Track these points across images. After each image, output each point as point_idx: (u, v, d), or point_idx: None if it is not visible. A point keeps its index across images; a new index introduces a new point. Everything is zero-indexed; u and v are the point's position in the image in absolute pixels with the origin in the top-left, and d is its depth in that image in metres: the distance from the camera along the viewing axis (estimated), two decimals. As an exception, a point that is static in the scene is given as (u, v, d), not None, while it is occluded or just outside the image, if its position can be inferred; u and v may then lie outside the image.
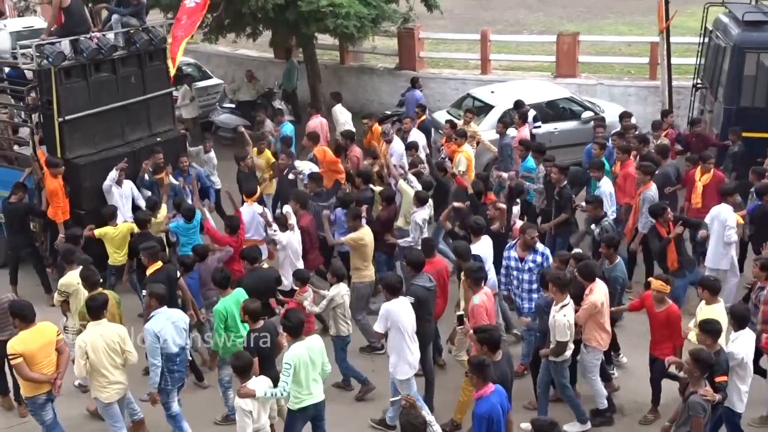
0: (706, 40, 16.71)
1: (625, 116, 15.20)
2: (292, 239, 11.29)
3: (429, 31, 22.40)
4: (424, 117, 16.18)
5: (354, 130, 15.54)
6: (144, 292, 9.78)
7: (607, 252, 10.26)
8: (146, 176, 13.26)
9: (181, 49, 13.18)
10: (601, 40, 23.18)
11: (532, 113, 15.76)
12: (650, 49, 19.44)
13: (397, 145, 14.26)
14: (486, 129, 15.88)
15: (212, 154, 14.87)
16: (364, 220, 11.37)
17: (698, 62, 17.04)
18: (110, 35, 13.23)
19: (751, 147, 14.01)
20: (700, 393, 7.50)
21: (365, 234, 11.12)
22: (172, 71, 13.41)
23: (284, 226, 11.30)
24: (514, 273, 10.46)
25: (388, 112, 18.57)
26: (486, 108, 16.58)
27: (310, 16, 17.29)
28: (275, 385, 8.16)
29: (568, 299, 9.08)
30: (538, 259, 10.33)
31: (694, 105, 16.96)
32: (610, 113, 16.76)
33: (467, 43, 22.85)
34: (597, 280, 9.46)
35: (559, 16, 28.31)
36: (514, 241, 10.72)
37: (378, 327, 9.18)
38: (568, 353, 9.17)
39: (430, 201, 12.18)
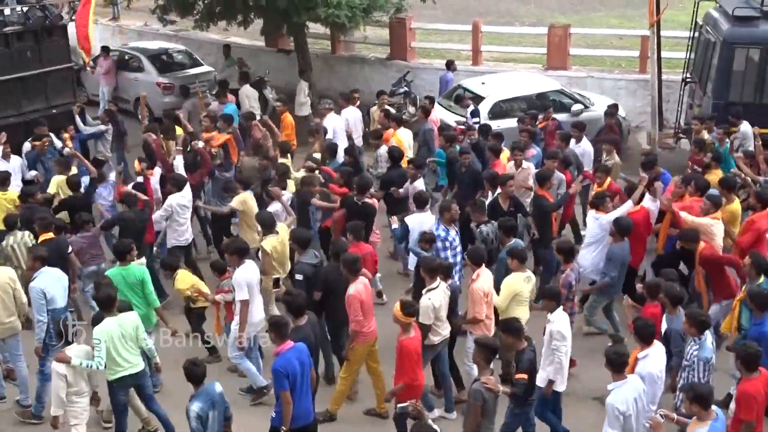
0: (696, 34, 16.77)
1: (610, 111, 15.15)
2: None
3: (421, 21, 22.38)
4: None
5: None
6: None
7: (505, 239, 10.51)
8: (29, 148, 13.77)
9: (90, 37, 14.03)
10: (592, 32, 23.20)
11: (470, 108, 15.84)
12: (641, 42, 19.47)
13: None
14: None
15: None
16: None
17: (688, 56, 17.11)
18: (6, 11, 13.98)
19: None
20: (482, 381, 7.65)
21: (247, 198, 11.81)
22: (87, 60, 13.99)
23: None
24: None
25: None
26: (477, 99, 16.59)
27: (301, 5, 17.26)
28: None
29: (437, 283, 9.31)
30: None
31: (684, 99, 17.04)
32: (600, 106, 16.81)
33: (459, 34, 22.84)
34: (483, 266, 9.63)
35: (551, 8, 28.33)
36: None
37: (240, 296, 9.67)
38: (435, 338, 9.29)
39: None
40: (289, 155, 13.65)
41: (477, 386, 7.68)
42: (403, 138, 14.36)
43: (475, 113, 15.77)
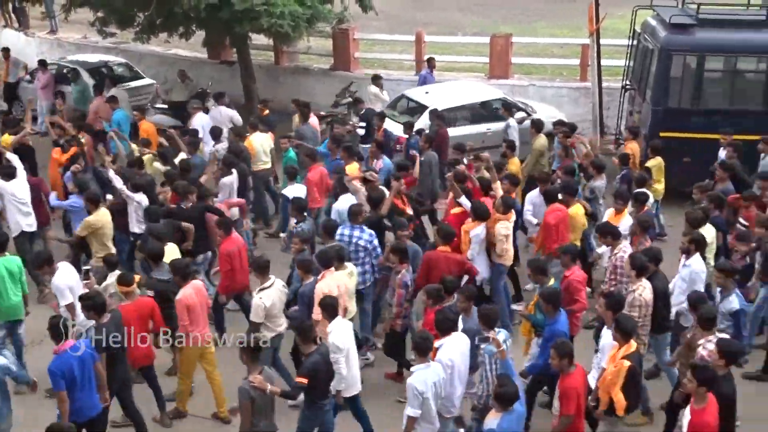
0: (635, 42, 17.04)
1: (558, 124, 15.15)
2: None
3: (364, 32, 22.41)
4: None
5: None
6: None
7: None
8: None
9: None
10: (534, 41, 23.44)
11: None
12: (581, 51, 19.76)
13: None
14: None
15: None
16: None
17: (627, 64, 17.38)
18: None
19: (678, 147, 14.31)
20: (249, 379, 7.82)
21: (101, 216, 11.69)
22: None
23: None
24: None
25: (323, 113, 18.49)
26: (421, 108, 16.63)
27: (244, 15, 17.11)
28: None
29: (270, 282, 9.53)
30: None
31: (623, 106, 17.29)
32: (542, 114, 16.98)
33: (402, 44, 22.91)
34: (332, 269, 9.77)
35: (494, 18, 28.56)
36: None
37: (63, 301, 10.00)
38: (270, 334, 9.49)
39: None
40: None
41: (243, 385, 7.86)
42: (255, 142, 14.56)
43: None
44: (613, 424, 8.34)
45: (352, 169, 12.83)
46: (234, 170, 13.37)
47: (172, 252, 10.70)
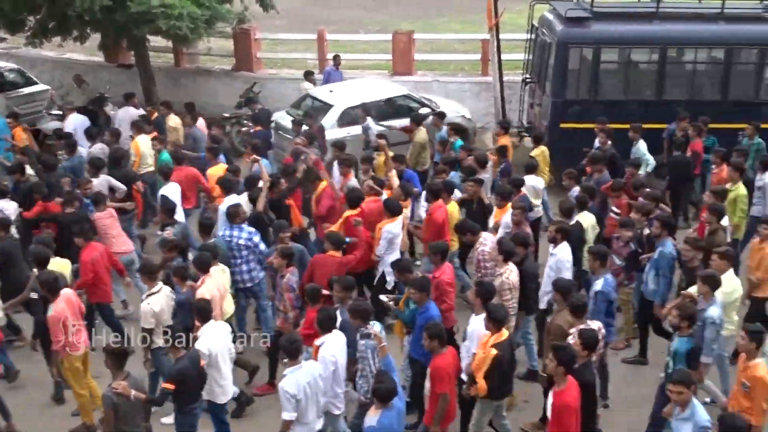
0: (533, 36, 17.37)
1: (450, 126, 15.35)
2: None
3: (265, 32, 22.19)
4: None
5: None
6: None
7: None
8: None
9: None
10: (436, 37, 23.67)
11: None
12: (482, 45, 20.01)
13: None
14: (328, 128, 15.87)
15: None
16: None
17: (526, 58, 17.70)
18: None
19: (579, 137, 14.65)
20: (112, 386, 7.84)
21: None
22: None
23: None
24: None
25: (226, 115, 18.26)
26: (325, 107, 16.57)
27: (140, 18, 16.76)
28: None
29: (158, 287, 9.46)
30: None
31: (524, 99, 17.61)
32: (445, 109, 17.14)
33: (304, 43, 22.78)
34: (210, 271, 9.75)
35: (396, 15, 28.69)
36: None
37: None
38: (159, 341, 9.22)
39: None
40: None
41: (107, 392, 7.84)
42: (141, 144, 14.43)
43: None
44: (485, 406, 8.54)
45: (217, 170, 12.96)
46: (101, 173, 13.21)
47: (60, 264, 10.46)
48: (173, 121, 15.86)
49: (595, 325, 8.70)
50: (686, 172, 13.92)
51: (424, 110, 16.76)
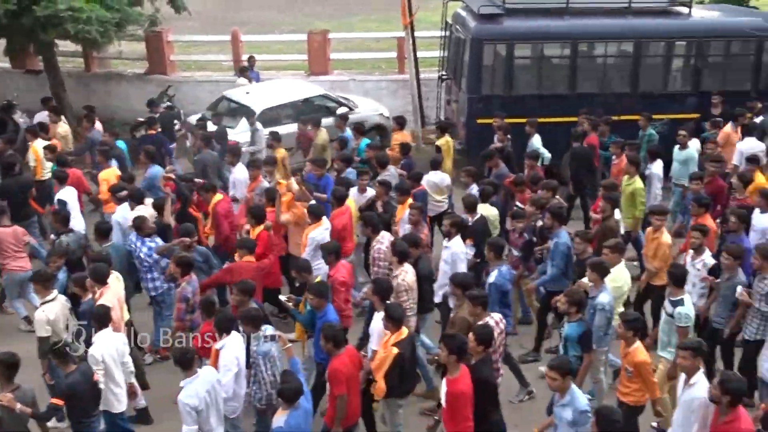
0: (448, 33, 17.52)
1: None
2: None
3: (178, 34, 21.83)
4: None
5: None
6: None
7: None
8: None
9: None
10: (351, 36, 23.72)
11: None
12: (397, 44, 20.11)
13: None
14: (242, 131, 15.73)
15: None
16: None
17: (442, 55, 17.84)
18: None
19: (496, 132, 14.83)
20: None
21: None
22: None
23: None
24: None
25: (141, 119, 17.90)
26: (242, 109, 16.40)
27: (47, 22, 16.25)
28: None
29: (53, 295, 9.32)
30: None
31: (441, 96, 17.75)
32: (364, 108, 17.17)
33: (218, 45, 22.51)
34: (107, 284, 9.55)
35: (310, 15, 28.63)
36: None
37: None
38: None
39: None
40: None
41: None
42: (39, 150, 14.15)
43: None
44: (391, 405, 8.57)
45: (108, 174, 12.89)
46: None
47: None
48: (62, 128, 15.59)
49: (496, 316, 8.74)
50: (587, 164, 14.08)
51: (341, 109, 16.77)
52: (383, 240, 10.44)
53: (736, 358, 9.75)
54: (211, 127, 15.31)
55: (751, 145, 13.75)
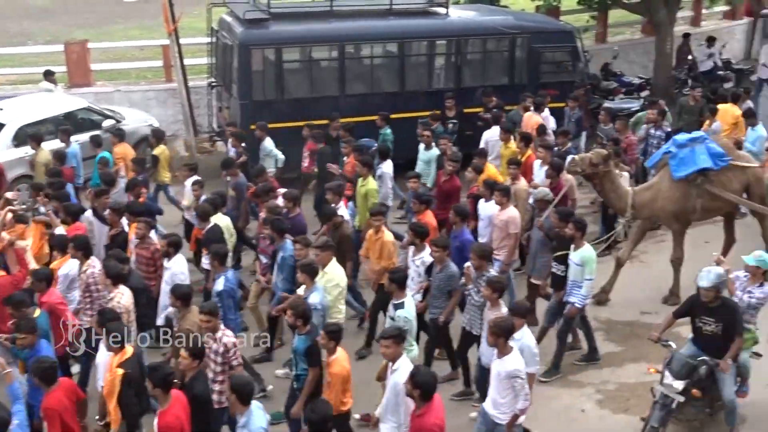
0: (214, 39, 17.23)
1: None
2: None
3: None
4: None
5: None
6: None
7: None
8: None
9: None
10: (113, 46, 22.78)
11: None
12: (163, 51, 19.54)
13: None
14: (3, 149, 14.64)
15: None
16: None
17: (210, 61, 17.53)
18: None
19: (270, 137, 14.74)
20: None
21: None
22: None
23: None
24: None
25: None
26: (-4, 126, 15.23)
27: None
28: None
29: None
30: None
31: (213, 103, 17.44)
32: (132, 119, 16.52)
33: (-35, 59, 20.89)
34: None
35: (67, 25, 27.19)
36: None
37: None
38: None
39: None
40: None
41: None
42: None
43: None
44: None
45: None
46: None
47: None
48: None
49: (228, 335, 8.58)
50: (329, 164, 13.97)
51: (108, 122, 16.03)
52: (94, 264, 9.96)
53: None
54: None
55: (493, 133, 14.48)
